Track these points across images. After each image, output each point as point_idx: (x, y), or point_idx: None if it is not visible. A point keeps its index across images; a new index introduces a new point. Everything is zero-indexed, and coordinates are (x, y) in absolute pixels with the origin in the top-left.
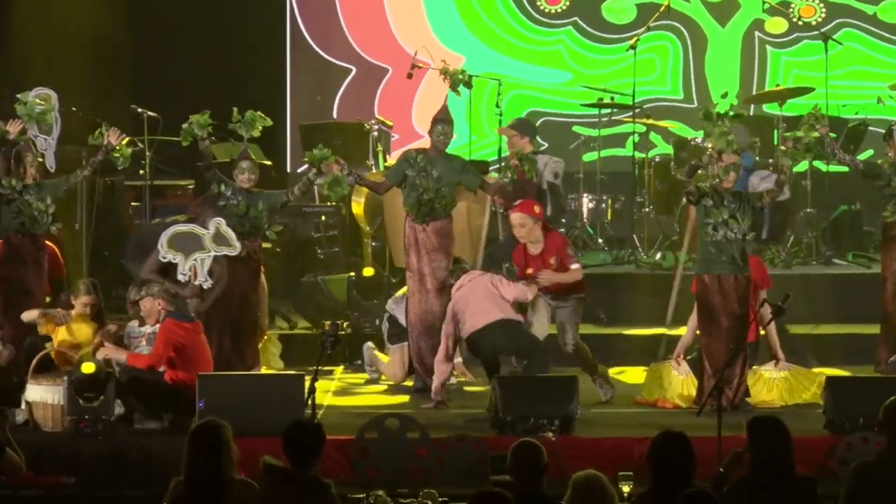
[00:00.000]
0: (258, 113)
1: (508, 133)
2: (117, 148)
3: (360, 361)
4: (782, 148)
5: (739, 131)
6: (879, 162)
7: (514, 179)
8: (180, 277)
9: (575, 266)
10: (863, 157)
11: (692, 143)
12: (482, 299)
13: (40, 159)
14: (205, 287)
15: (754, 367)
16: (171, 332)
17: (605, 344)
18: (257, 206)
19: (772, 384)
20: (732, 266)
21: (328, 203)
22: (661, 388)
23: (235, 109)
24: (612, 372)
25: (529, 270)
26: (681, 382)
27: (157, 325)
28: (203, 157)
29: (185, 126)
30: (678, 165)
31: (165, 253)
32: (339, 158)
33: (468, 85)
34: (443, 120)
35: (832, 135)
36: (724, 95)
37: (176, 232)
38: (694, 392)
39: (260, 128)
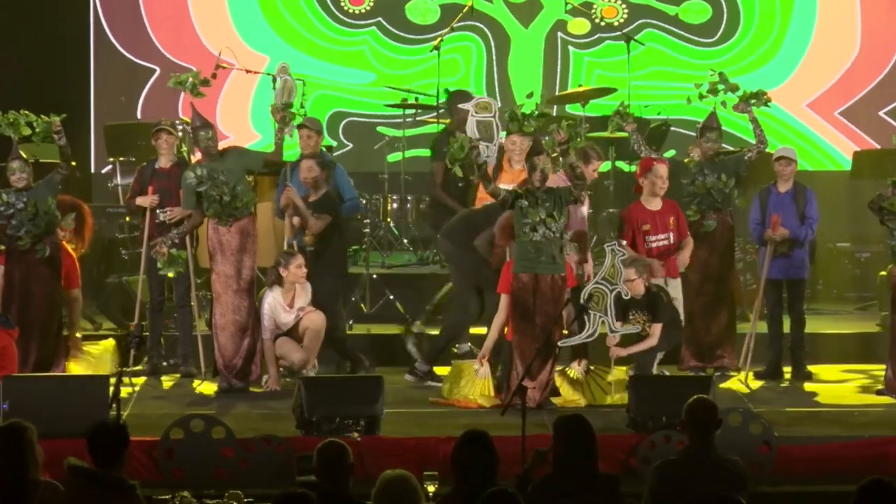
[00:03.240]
0: (21, 111)
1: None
2: None
3: (173, 362)
4: (555, 152)
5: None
6: (686, 161)
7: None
8: None
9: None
10: (667, 155)
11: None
12: None
13: None
14: None
15: (557, 367)
16: None
17: None
18: (45, 201)
19: (575, 383)
20: (551, 266)
21: None
22: (459, 386)
23: None
24: None
25: (647, 227)
26: (480, 383)
27: None
28: None
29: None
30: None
31: None
32: (164, 238)
33: (205, 83)
34: (202, 126)
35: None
36: (530, 95)
37: None
38: (494, 392)
39: (24, 125)
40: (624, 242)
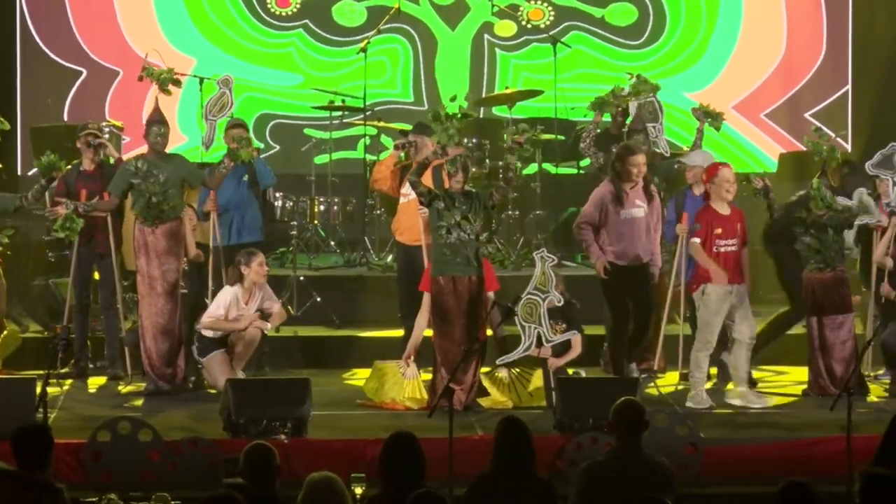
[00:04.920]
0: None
1: None
2: None
3: (100, 364)
4: (505, 145)
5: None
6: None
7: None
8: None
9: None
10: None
11: None
12: None
13: None
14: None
15: (483, 370)
16: None
17: (337, 346)
18: None
19: (500, 385)
20: (466, 267)
21: None
22: (383, 388)
23: None
24: (344, 375)
25: (719, 230)
26: (409, 384)
27: None
28: None
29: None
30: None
31: None
32: (68, 202)
33: (176, 83)
34: (157, 121)
35: (560, 137)
36: (453, 99)
37: None
38: (425, 394)
39: None
40: (543, 250)
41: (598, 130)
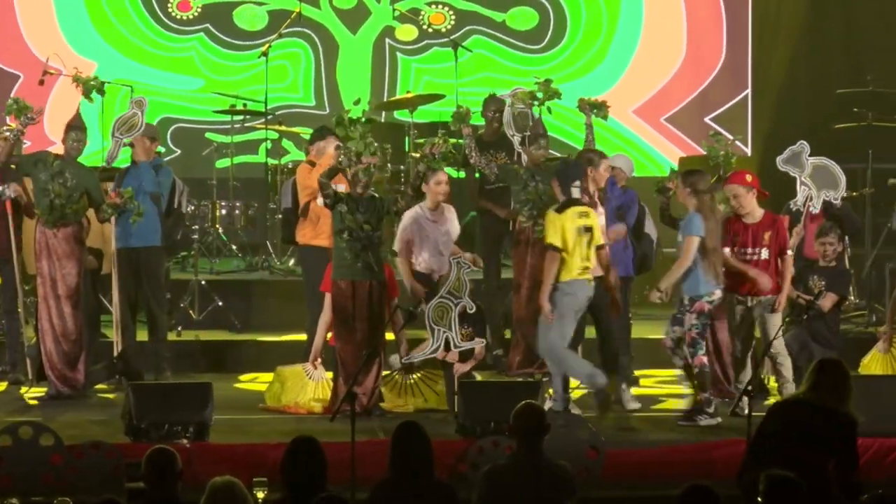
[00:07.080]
0: None
1: None
2: None
3: (1, 368)
4: (415, 155)
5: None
6: (515, 167)
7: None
8: None
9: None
10: None
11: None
12: None
13: None
14: None
15: (385, 372)
16: None
17: (238, 350)
18: None
19: (401, 388)
20: (368, 272)
21: None
22: (284, 392)
23: None
24: (245, 378)
25: (737, 238)
26: (317, 386)
27: None
28: None
29: None
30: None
31: None
32: None
33: (101, 91)
34: (76, 127)
35: (462, 141)
36: (357, 102)
37: None
38: (329, 396)
39: None
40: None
41: (473, 143)
